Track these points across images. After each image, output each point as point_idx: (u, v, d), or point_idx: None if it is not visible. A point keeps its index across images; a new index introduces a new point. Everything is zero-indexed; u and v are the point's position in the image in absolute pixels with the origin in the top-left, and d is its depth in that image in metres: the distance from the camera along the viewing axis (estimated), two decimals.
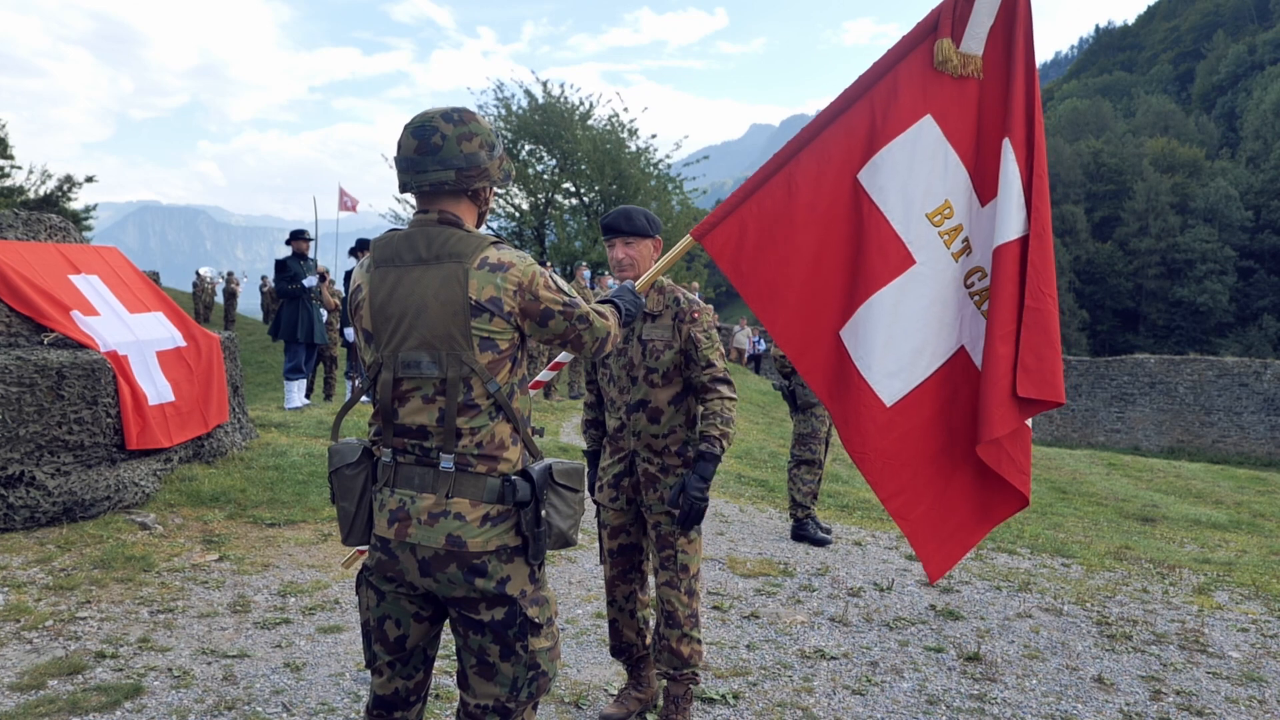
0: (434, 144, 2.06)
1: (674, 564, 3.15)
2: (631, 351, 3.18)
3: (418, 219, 2.11)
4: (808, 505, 6.22)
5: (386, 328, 2.06)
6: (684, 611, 3.15)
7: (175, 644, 3.75)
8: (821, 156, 2.97)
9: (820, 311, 3.01)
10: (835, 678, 3.84)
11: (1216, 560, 6.73)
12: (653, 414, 3.16)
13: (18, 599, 4.06)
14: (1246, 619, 4.97)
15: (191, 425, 5.92)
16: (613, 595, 3.34)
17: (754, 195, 2.98)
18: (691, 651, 3.16)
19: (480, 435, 2.04)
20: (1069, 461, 13.46)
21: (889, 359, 2.95)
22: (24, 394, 4.82)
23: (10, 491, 4.78)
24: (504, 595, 2.05)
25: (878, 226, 2.95)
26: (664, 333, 3.14)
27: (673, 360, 3.14)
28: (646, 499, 3.18)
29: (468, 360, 2.01)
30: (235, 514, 5.44)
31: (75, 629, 3.82)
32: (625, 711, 3.32)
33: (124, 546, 4.74)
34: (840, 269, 3.00)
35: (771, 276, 2.97)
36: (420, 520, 2.03)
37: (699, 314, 3.15)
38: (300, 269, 9.46)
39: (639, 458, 3.20)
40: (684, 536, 3.16)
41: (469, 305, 2.00)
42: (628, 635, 3.35)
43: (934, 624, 4.59)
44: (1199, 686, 3.96)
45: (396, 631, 2.15)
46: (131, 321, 5.75)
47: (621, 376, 3.20)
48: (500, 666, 2.08)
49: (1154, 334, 61.45)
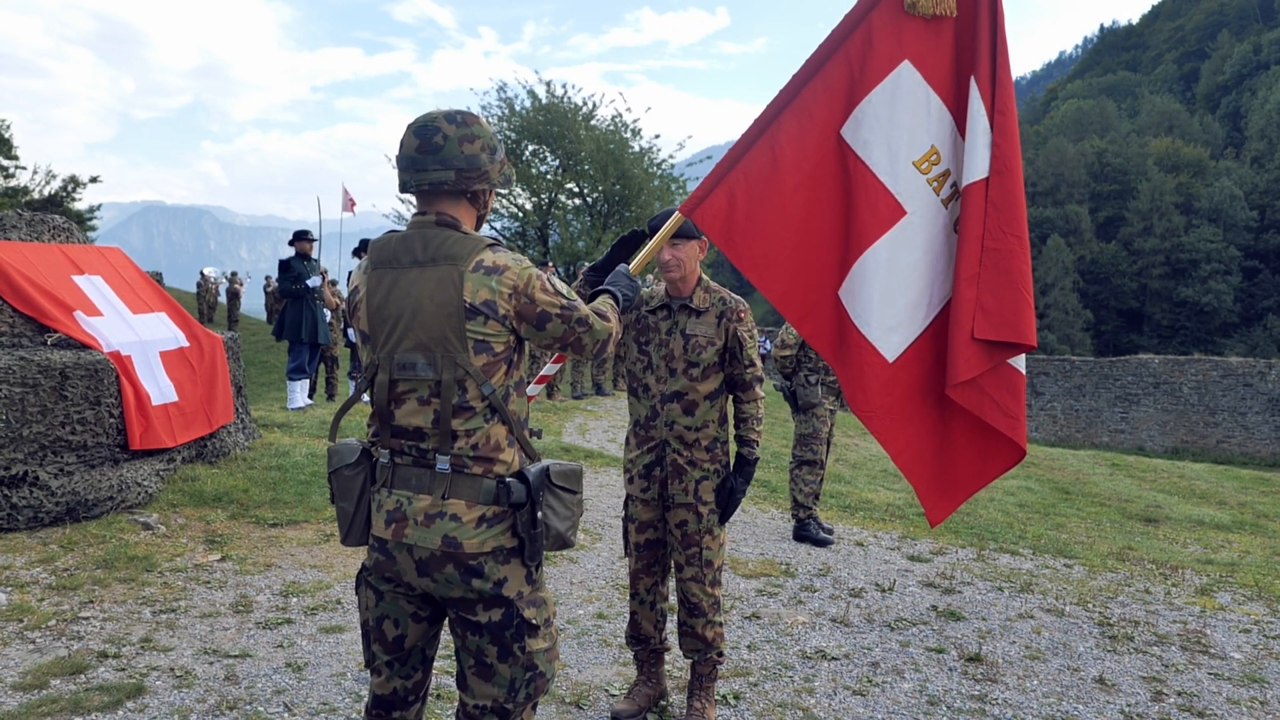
0: (435, 144, 2.07)
1: (699, 560, 3.25)
2: (673, 344, 3.25)
3: (416, 220, 2.12)
4: (809, 506, 6.21)
5: (383, 329, 2.07)
6: (707, 601, 3.27)
7: (177, 644, 3.76)
8: (802, 117, 2.91)
9: (817, 274, 2.97)
10: (836, 678, 3.84)
11: (1219, 561, 6.71)
12: (688, 406, 3.25)
13: (21, 599, 4.07)
14: (1249, 620, 4.96)
15: (195, 425, 5.93)
16: (636, 588, 3.41)
17: (739, 164, 2.92)
18: (715, 635, 3.29)
19: (476, 437, 2.05)
20: (1072, 462, 13.43)
21: (888, 314, 2.92)
22: (27, 394, 4.84)
23: (14, 492, 4.79)
24: (501, 597, 2.05)
25: (865, 181, 2.91)
26: (708, 329, 3.24)
27: (714, 357, 3.24)
28: (672, 489, 3.26)
29: (462, 362, 2.01)
30: (238, 514, 5.45)
31: (78, 629, 3.83)
32: (637, 707, 3.36)
33: (127, 547, 4.75)
34: (832, 229, 2.96)
35: (764, 244, 2.92)
36: (417, 521, 2.04)
37: (744, 314, 3.28)
38: (303, 269, 9.48)
39: (669, 448, 3.27)
40: (709, 534, 3.26)
41: (463, 308, 2.00)
42: (646, 628, 3.41)
43: (935, 625, 4.59)
44: (1200, 688, 3.96)
45: (395, 631, 2.15)
46: (135, 322, 5.76)
47: (660, 366, 3.27)
48: (498, 667, 2.08)
49: (1158, 334, 61.32)
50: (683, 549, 3.27)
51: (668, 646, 3.50)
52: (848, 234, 2.95)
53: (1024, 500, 9.28)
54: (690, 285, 3.28)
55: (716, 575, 3.29)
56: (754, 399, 3.31)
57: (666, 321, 3.28)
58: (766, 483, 8.41)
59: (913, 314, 2.94)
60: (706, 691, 3.34)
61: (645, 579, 3.40)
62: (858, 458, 11.46)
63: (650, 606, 3.40)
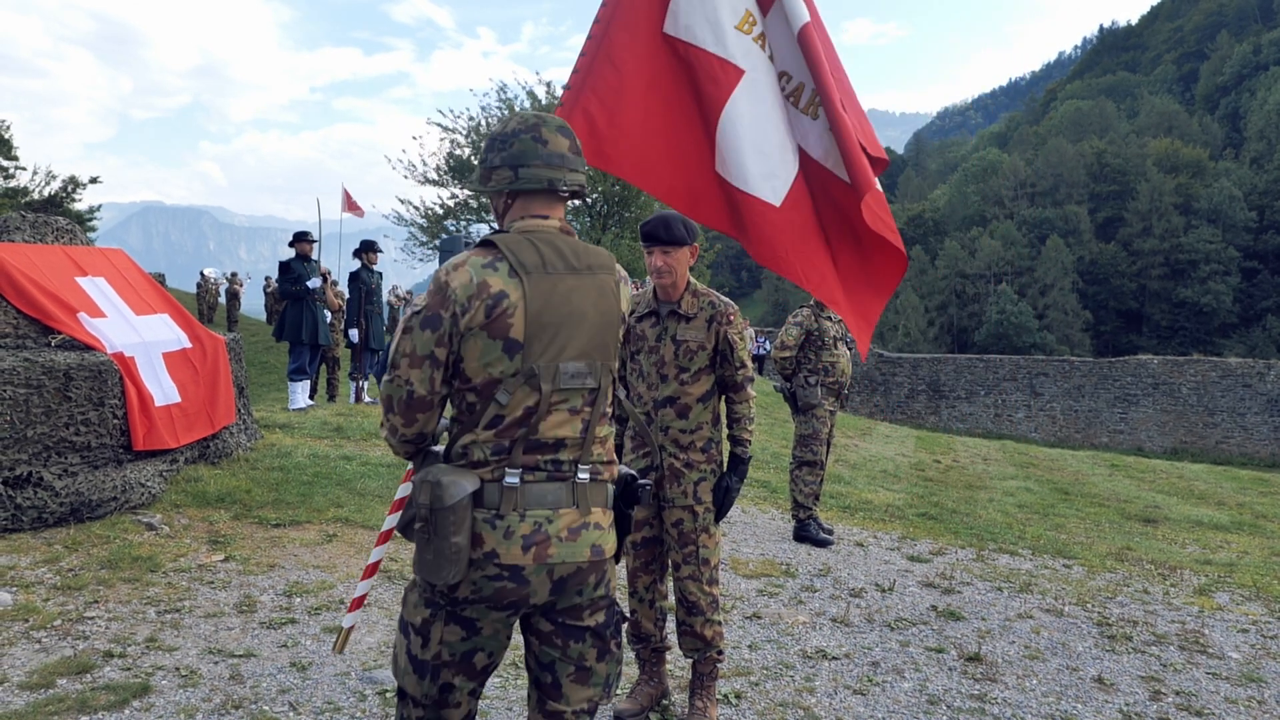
0: (577, 145, 2.07)
1: (696, 559, 3.30)
2: (664, 350, 3.30)
3: (538, 225, 2.02)
4: (809, 506, 6.24)
5: (543, 336, 1.94)
6: (705, 600, 3.31)
7: (182, 643, 3.79)
8: (628, 26, 3.13)
9: (693, 160, 3.20)
10: (837, 678, 3.87)
11: (1218, 561, 6.74)
12: (681, 410, 3.29)
13: (26, 599, 4.09)
14: (1247, 620, 4.99)
15: (198, 426, 5.96)
16: (634, 586, 3.45)
17: (585, 85, 3.11)
18: (714, 634, 3.34)
19: (608, 443, 2.07)
20: (1071, 462, 13.47)
21: (761, 162, 3.15)
22: (31, 395, 4.86)
23: (18, 492, 4.81)
24: (608, 597, 2.07)
25: (700, 60, 3.15)
26: (698, 334, 3.27)
27: (705, 360, 3.28)
28: (670, 492, 3.30)
29: (613, 370, 2.06)
30: (240, 515, 5.47)
31: (83, 628, 3.85)
32: (639, 706, 3.39)
33: (131, 547, 4.77)
34: (690, 114, 3.19)
35: (636, 151, 3.13)
36: (561, 538, 1.95)
37: (734, 316, 3.31)
38: (304, 271, 9.51)
39: (665, 452, 3.31)
40: (705, 533, 3.30)
41: (621, 317, 2.06)
42: (646, 626, 3.44)
43: (935, 625, 4.62)
44: (1199, 687, 3.99)
45: (486, 661, 2.03)
46: (138, 323, 5.79)
47: (651, 373, 3.32)
48: (596, 668, 2.05)
49: (1157, 335, 61.44)
50: (679, 548, 3.32)
51: (669, 645, 3.53)
52: (703, 112, 3.18)
53: (1023, 501, 9.31)
54: (680, 290, 3.31)
55: (714, 574, 3.33)
56: (746, 399, 3.37)
57: (655, 328, 3.33)
58: (767, 483, 8.44)
59: (783, 156, 3.17)
60: (708, 690, 3.37)
61: (644, 577, 3.44)
62: (857, 458, 11.49)
63: (650, 605, 3.43)
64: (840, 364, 6.31)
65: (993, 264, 66.90)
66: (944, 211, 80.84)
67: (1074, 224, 66.94)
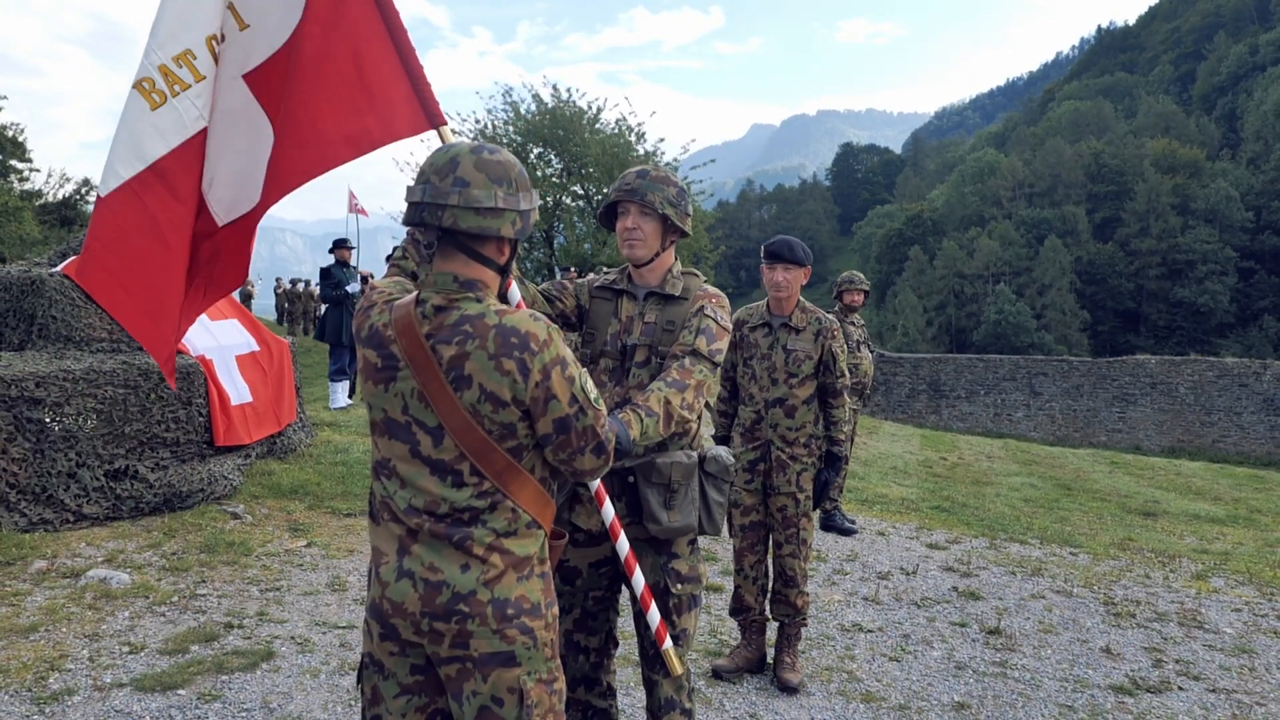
0: None
1: (796, 539, 3.84)
2: (775, 357, 3.81)
3: None
4: (835, 498, 6.70)
5: None
6: (800, 574, 3.84)
7: (289, 617, 4.24)
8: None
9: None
10: (873, 647, 4.33)
11: (1214, 551, 7.20)
12: (789, 410, 3.82)
13: (141, 579, 4.54)
14: (1240, 601, 5.45)
15: (267, 424, 6.41)
16: (740, 564, 3.96)
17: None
18: (804, 602, 3.91)
19: None
20: (1072, 460, 13.93)
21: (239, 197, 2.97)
22: (128, 395, 5.31)
23: (118, 484, 5.27)
24: None
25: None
26: (806, 345, 3.80)
27: (811, 368, 3.79)
28: (776, 481, 3.81)
29: None
30: (314, 505, 5.92)
31: (198, 604, 4.30)
32: (735, 665, 3.92)
33: (222, 534, 5.22)
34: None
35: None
36: None
37: (836, 332, 3.84)
38: (343, 275, 9.96)
39: (774, 446, 3.81)
40: (805, 517, 3.83)
41: None
42: (747, 599, 3.96)
43: (957, 603, 5.08)
44: (1196, 656, 4.45)
45: None
46: (214, 328, 6.24)
47: (763, 376, 3.84)
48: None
49: (1155, 335, 61.89)
50: (783, 529, 3.85)
51: (768, 617, 4.01)
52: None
53: (1028, 495, 9.77)
54: (791, 305, 3.84)
55: (808, 552, 3.89)
56: (842, 404, 3.90)
57: (768, 338, 3.84)
58: None
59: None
60: (793, 647, 3.93)
61: (749, 556, 3.95)
62: (868, 455, 11.94)
63: (753, 581, 3.95)
64: (863, 365, 6.76)
65: (991, 264, 67.38)
66: (942, 212, 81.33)
67: (1072, 224, 67.41)
